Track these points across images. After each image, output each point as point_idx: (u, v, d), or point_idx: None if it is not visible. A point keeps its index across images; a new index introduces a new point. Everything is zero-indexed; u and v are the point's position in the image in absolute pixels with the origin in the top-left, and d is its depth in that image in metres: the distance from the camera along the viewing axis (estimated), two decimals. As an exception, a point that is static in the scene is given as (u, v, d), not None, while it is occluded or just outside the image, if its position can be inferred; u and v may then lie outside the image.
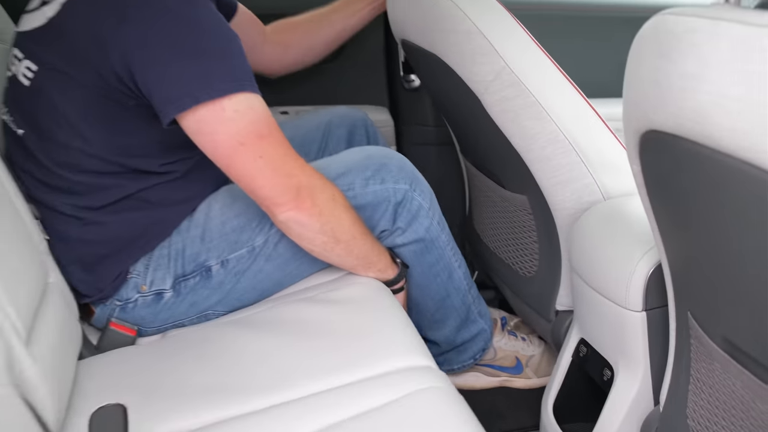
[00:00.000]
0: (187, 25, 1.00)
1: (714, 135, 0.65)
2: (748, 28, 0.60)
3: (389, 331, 1.09)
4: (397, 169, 1.25)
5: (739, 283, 0.78)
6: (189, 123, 1.02)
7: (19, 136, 1.12)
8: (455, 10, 1.21)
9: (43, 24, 1.08)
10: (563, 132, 1.17)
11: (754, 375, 0.80)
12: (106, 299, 1.17)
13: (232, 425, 0.91)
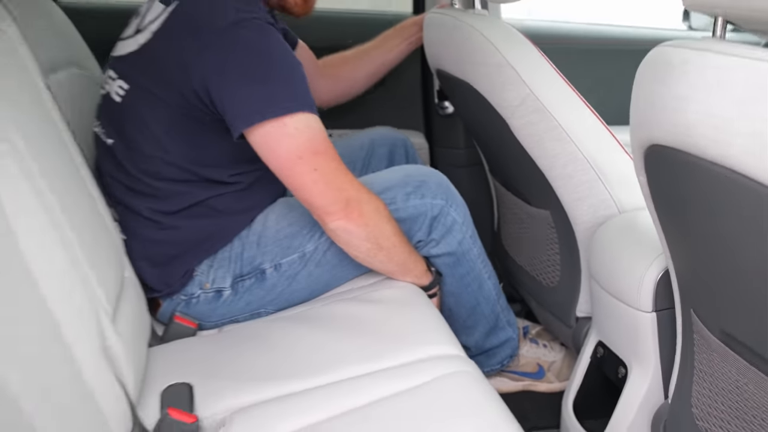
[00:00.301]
0: (258, 53, 1.16)
1: (701, 146, 0.77)
2: (727, 58, 0.73)
3: (423, 325, 1.22)
4: (435, 186, 1.39)
5: (734, 282, 0.89)
6: (255, 137, 1.17)
7: (109, 146, 1.28)
8: (487, 44, 1.36)
9: (135, 50, 1.24)
10: (582, 152, 1.30)
11: (748, 362, 0.91)
12: (172, 294, 1.31)
13: (282, 401, 1.04)
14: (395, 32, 1.80)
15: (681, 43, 0.82)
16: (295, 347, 1.18)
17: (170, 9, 1.22)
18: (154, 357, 1.18)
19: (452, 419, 0.96)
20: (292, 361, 1.15)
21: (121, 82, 1.26)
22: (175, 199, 1.27)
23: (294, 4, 1.36)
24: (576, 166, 1.31)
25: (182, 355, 1.22)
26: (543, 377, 1.58)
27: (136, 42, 1.25)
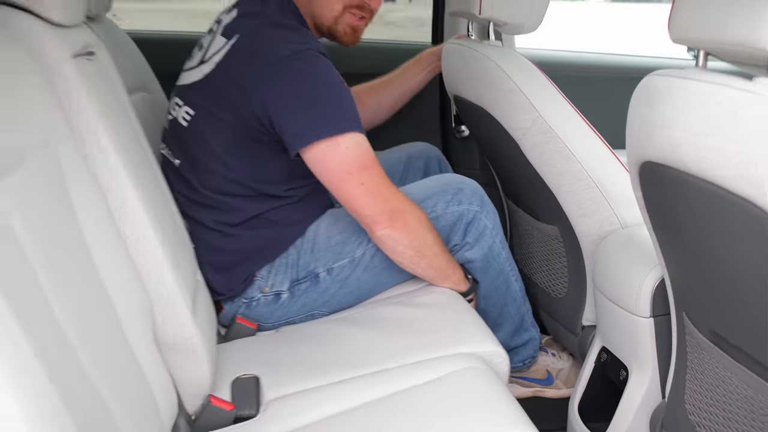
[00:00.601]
0: (312, 80, 1.30)
1: (684, 161, 0.89)
2: (703, 84, 0.85)
3: (463, 325, 1.34)
4: (471, 193, 1.50)
5: (720, 286, 1.00)
6: (310, 155, 1.29)
7: (176, 166, 1.42)
8: (500, 72, 1.49)
9: (200, 79, 1.38)
10: (587, 171, 1.41)
11: (733, 358, 1.01)
12: (234, 297, 1.43)
13: (333, 387, 1.15)
14: (415, 62, 1.94)
15: (667, 72, 0.93)
16: (344, 344, 1.30)
17: (232, 42, 1.35)
18: (221, 353, 1.29)
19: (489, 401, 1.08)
20: (339, 354, 1.26)
21: (187, 108, 1.40)
22: (237, 212, 1.40)
23: (344, 34, 1.49)
24: (581, 184, 1.43)
25: (244, 351, 1.33)
26: (552, 384, 1.68)
27: (201, 72, 1.38)
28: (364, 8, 1.47)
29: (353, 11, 1.46)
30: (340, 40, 1.50)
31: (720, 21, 0.83)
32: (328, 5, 1.44)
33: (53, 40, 0.97)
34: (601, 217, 1.43)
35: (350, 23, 1.47)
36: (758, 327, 0.94)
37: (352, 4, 1.45)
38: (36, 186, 0.82)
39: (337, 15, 1.45)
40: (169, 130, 1.46)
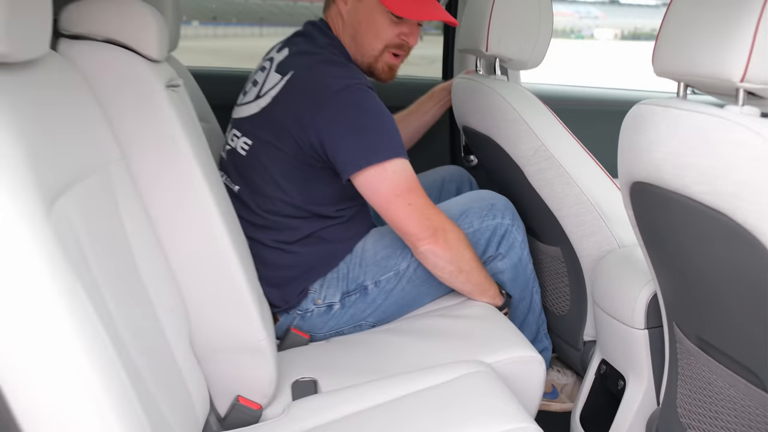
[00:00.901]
0: (361, 112, 1.42)
1: (667, 180, 1.00)
2: (681, 111, 0.96)
3: (502, 333, 1.46)
4: (503, 207, 1.62)
5: (703, 294, 1.10)
6: (360, 179, 1.42)
7: (236, 192, 1.54)
8: (505, 104, 1.61)
9: (257, 112, 1.50)
10: (586, 195, 1.53)
11: (718, 361, 1.11)
12: (290, 309, 1.54)
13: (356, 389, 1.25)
14: (428, 98, 2.08)
15: (652, 101, 1.05)
16: (387, 350, 1.42)
17: (287, 78, 1.48)
18: (278, 360, 1.39)
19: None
20: (384, 359, 1.38)
21: (245, 139, 1.53)
22: (293, 231, 1.52)
23: (381, 71, 1.61)
24: (581, 207, 1.54)
25: (300, 358, 1.44)
26: (557, 398, 1.76)
27: (258, 106, 1.51)
28: (402, 47, 1.59)
29: (392, 50, 1.58)
30: (377, 77, 1.62)
31: (694, 57, 0.95)
32: (369, 44, 1.56)
33: (152, 73, 1.11)
34: (600, 238, 1.54)
35: (388, 62, 1.59)
36: (739, 331, 1.04)
37: (392, 44, 1.56)
38: (93, 198, 0.94)
39: (377, 54, 1.57)
40: (227, 159, 1.59)
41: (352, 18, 1.55)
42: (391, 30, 1.54)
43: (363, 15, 1.54)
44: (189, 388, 1.11)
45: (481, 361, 1.32)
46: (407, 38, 1.56)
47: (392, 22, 1.53)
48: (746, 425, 1.06)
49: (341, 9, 1.56)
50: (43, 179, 0.72)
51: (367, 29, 1.54)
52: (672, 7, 1.01)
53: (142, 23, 1.12)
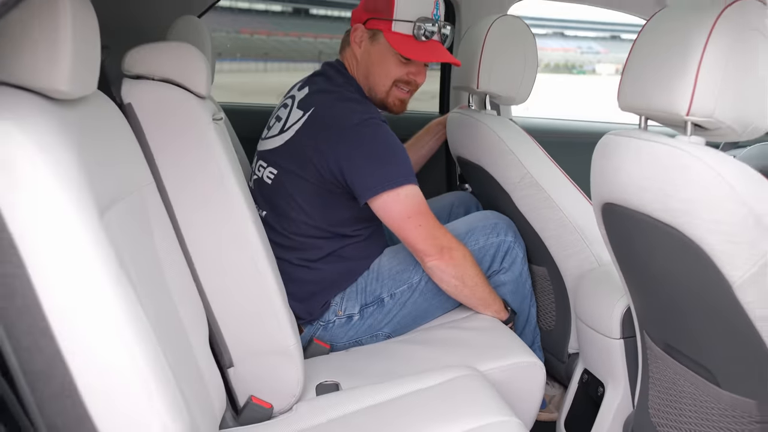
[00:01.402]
0: (376, 143, 1.59)
1: (630, 200, 1.14)
2: (642, 141, 1.11)
3: (504, 341, 1.60)
4: (506, 226, 1.78)
5: (664, 302, 1.24)
6: (377, 203, 1.58)
7: (263, 217, 1.69)
8: (494, 136, 1.77)
9: (281, 144, 1.67)
10: (568, 218, 1.67)
11: (680, 362, 1.24)
12: (313, 321, 1.68)
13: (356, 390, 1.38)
14: (425, 132, 2.25)
15: (618, 132, 1.20)
16: (403, 358, 1.58)
17: (308, 114, 1.64)
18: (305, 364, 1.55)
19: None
20: (401, 366, 1.52)
21: (271, 169, 1.69)
22: (316, 250, 1.67)
23: (393, 105, 1.76)
24: (564, 230, 1.68)
25: (322, 365, 1.58)
26: (545, 408, 1.88)
27: (282, 139, 1.67)
28: (410, 83, 1.75)
29: (401, 86, 1.74)
30: (390, 110, 1.78)
31: (650, 94, 1.10)
32: (380, 81, 1.72)
33: (200, 108, 1.28)
34: (582, 258, 1.68)
35: (398, 96, 1.75)
36: (695, 334, 1.18)
37: (400, 80, 1.73)
38: (130, 215, 1.09)
39: (387, 89, 1.73)
40: (255, 188, 1.74)
41: (365, 59, 1.72)
42: (400, 69, 1.71)
43: (375, 57, 1.70)
44: (208, 387, 1.24)
45: (470, 366, 1.45)
46: (415, 77, 1.73)
47: (401, 62, 1.70)
48: (704, 419, 1.19)
49: (356, 51, 1.73)
50: (94, 193, 0.87)
51: (379, 69, 1.71)
52: (633, 51, 1.16)
53: (193, 65, 1.30)
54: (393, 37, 1.66)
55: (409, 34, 1.66)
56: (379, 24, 1.68)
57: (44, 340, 0.76)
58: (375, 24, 1.69)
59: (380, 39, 1.69)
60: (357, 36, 1.72)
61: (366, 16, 1.71)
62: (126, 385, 0.79)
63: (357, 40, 1.72)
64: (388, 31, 1.67)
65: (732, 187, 0.97)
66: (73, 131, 0.88)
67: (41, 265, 0.75)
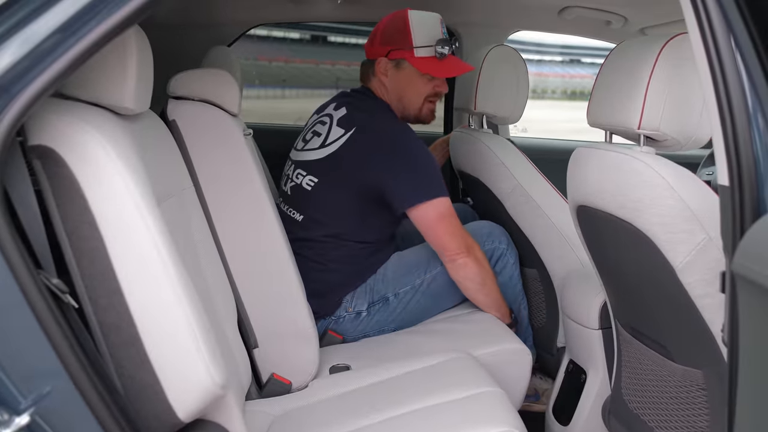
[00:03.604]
0: (412, 157, 1.81)
1: (596, 202, 1.35)
2: (605, 152, 1.32)
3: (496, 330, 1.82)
4: (499, 234, 1.99)
5: (627, 289, 1.43)
6: (415, 212, 1.80)
7: (299, 221, 1.91)
8: (489, 152, 1.99)
9: (323, 157, 1.87)
10: (555, 224, 1.87)
11: (643, 343, 1.43)
12: (326, 316, 1.88)
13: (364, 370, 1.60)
14: (431, 149, 2.45)
15: (588, 144, 1.41)
16: (405, 345, 1.78)
17: (350, 133, 1.84)
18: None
19: (469, 378, 1.51)
20: (401, 351, 1.74)
21: (311, 177, 1.89)
22: (336, 252, 1.88)
23: (426, 116, 1.98)
24: (551, 234, 1.88)
25: (335, 352, 1.79)
26: (538, 400, 2.07)
27: (324, 152, 1.87)
28: (437, 95, 1.99)
29: (430, 99, 1.97)
30: (423, 121, 2.01)
31: (611, 111, 1.31)
32: (414, 100, 1.95)
33: (233, 124, 1.51)
34: (567, 260, 1.88)
35: (429, 108, 1.99)
36: (654, 316, 1.37)
37: (429, 95, 1.96)
38: (174, 212, 1.31)
39: (420, 106, 1.96)
40: (291, 193, 1.95)
41: (394, 85, 1.94)
42: (428, 86, 1.95)
43: (404, 81, 1.93)
44: (237, 362, 1.45)
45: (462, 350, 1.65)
46: (440, 88, 1.97)
47: (428, 80, 1.93)
48: (662, 391, 1.37)
49: (383, 81, 1.95)
50: (153, 188, 1.09)
51: (410, 91, 1.94)
52: (599, 77, 1.37)
53: (227, 88, 1.53)
54: (418, 62, 1.90)
55: (432, 56, 1.90)
56: (401, 53, 1.91)
57: (116, 298, 0.97)
58: (397, 54, 1.92)
59: (404, 65, 1.92)
60: (381, 67, 1.94)
61: (386, 49, 1.93)
62: (179, 336, 1.00)
63: (382, 71, 1.94)
64: (412, 57, 1.90)
65: (672, 187, 1.17)
66: (136, 139, 1.11)
67: (116, 240, 0.97)
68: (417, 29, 1.90)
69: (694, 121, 1.22)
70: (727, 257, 0.99)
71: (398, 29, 1.91)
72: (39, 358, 0.89)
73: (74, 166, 0.96)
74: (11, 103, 0.86)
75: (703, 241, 1.16)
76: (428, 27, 1.91)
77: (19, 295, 0.87)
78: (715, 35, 0.98)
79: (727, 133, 0.99)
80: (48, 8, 0.89)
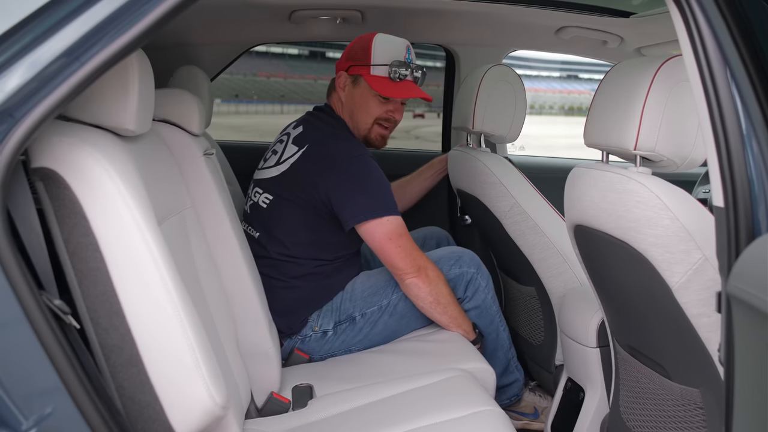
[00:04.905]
0: (363, 176, 1.82)
1: (590, 221, 1.36)
2: (602, 171, 1.33)
3: (461, 351, 1.80)
4: (468, 259, 1.98)
5: (626, 309, 1.44)
6: (362, 228, 1.81)
7: (255, 238, 1.92)
8: (486, 170, 2.00)
9: (278, 174, 1.90)
10: (553, 242, 1.88)
11: (640, 361, 1.44)
12: (292, 335, 1.89)
13: (361, 389, 1.59)
14: (428, 167, 2.49)
15: (584, 164, 1.43)
16: (370, 363, 1.78)
17: (303, 150, 1.88)
18: (284, 372, 1.75)
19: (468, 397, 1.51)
20: (367, 370, 1.73)
21: (267, 195, 1.92)
22: (296, 268, 1.89)
23: (374, 140, 2.00)
24: (549, 252, 1.89)
25: (300, 372, 1.79)
26: (537, 418, 2.07)
27: (278, 170, 1.91)
28: (389, 120, 2.00)
29: (381, 123, 1.98)
30: (372, 145, 2.02)
31: (607, 133, 1.32)
32: (363, 119, 1.97)
33: (193, 144, 1.50)
34: (565, 278, 1.89)
35: (379, 132, 2.00)
36: (651, 335, 1.38)
37: (380, 118, 1.97)
38: (174, 231, 1.32)
39: (369, 127, 1.97)
40: (250, 212, 1.97)
41: (349, 101, 1.97)
42: (380, 108, 1.96)
43: (358, 98, 1.96)
44: (236, 380, 1.45)
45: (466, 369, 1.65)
46: (393, 114, 1.98)
47: (380, 102, 1.95)
48: (660, 409, 1.38)
49: (340, 95, 1.98)
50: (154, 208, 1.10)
51: (361, 109, 1.96)
52: (595, 98, 1.39)
53: (186, 106, 1.52)
54: (372, 80, 1.92)
55: (386, 76, 1.91)
56: (359, 69, 1.94)
57: (118, 319, 0.98)
58: (356, 70, 1.95)
59: (361, 82, 1.95)
60: (341, 81, 1.98)
61: (348, 64, 1.97)
62: (180, 357, 1.01)
63: (341, 85, 1.98)
64: (368, 74, 1.92)
65: (668, 207, 1.18)
66: (137, 160, 1.12)
67: (117, 260, 0.98)
68: (378, 48, 1.93)
69: (689, 142, 1.24)
70: (723, 278, 1.00)
71: (362, 47, 1.95)
72: (40, 379, 0.90)
73: (76, 187, 0.97)
74: (16, 127, 0.87)
75: (699, 261, 1.17)
76: (391, 49, 1.94)
77: (21, 316, 0.88)
78: (709, 60, 1.00)
79: (721, 155, 1.00)
80: (53, 33, 0.90)
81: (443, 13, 2.29)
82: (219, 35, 2.46)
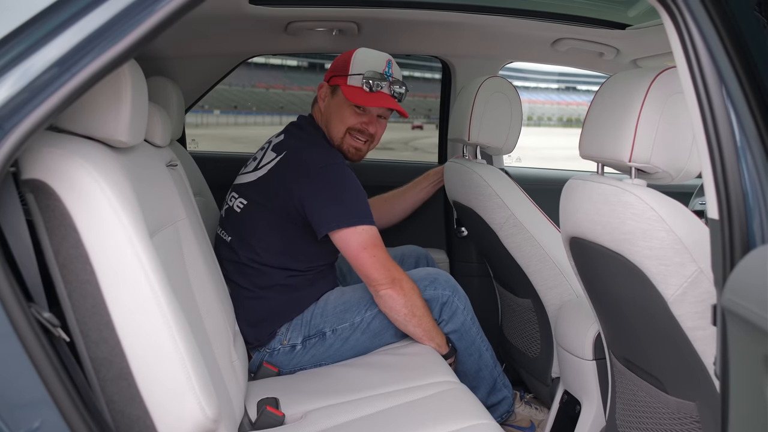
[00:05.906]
0: (338, 184, 1.82)
1: (585, 233, 1.35)
2: (596, 183, 1.33)
3: (432, 364, 1.77)
4: (444, 281, 1.96)
5: (621, 321, 1.43)
6: (336, 236, 1.79)
7: (228, 242, 1.92)
8: (482, 181, 1.99)
9: (254, 180, 1.91)
10: (548, 254, 1.88)
11: (637, 374, 1.43)
12: (261, 347, 1.87)
13: (335, 407, 1.57)
14: (424, 178, 2.48)
15: (578, 176, 1.42)
16: (341, 377, 1.75)
17: (281, 156, 1.88)
18: (252, 386, 1.73)
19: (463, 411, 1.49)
20: (339, 384, 1.71)
21: (242, 200, 1.92)
22: (265, 277, 1.88)
23: (347, 152, 1.99)
24: (545, 265, 1.89)
25: (268, 386, 1.76)
26: (534, 431, 2.05)
27: (255, 175, 1.92)
28: (363, 132, 1.98)
29: (354, 134, 1.97)
30: (347, 157, 2.00)
31: (602, 145, 1.32)
32: (336, 128, 1.97)
33: (156, 155, 1.47)
34: (561, 290, 1.88)
35: (352, 144, 1.98)
36: (647, 348, 1.37)
37: (353, 128, 1.96)
38: (167, 243, 1.31)
39: (341, 136, 1.96)
40: (225, 216, 1.97)
41: (327, 110, 1.98)
42: (354, 119, 1.95)
43: (334, 108, 1.97)
44: (229, 393, 1.44)
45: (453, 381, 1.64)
46: (367, 126, 1.97)
47: (355, 112, 1.95)
48: (657, 423, 1.37)
49: (321, 105, 2.00)
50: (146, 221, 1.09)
51: (335, 117, 1.96)
52: (590, 110, 1.38)
53: (150, 118, 1.45)
54: (347, 89, 1.92)
55: (360, 86, 1.91)
56: (338, 80, 1.96)
57: (108, 332, 0.97)
58: (335, 80, 1.97)
59: (338, 92, 1.96)
60: (322, 92, 2.00)
61: (329, 75, 1.99)
62: (171, 370, 1.00)
63: (322, 96, 2.00)
64: (344, 84, 1.93)
65: (663, 219, 1.18)
66: (129, 171, 1.11)
67: (108, 273, 0.97)
68: (358, 60, 1.95)
69: (684, 154, 1.23)
70: (718, 291, 1.00)
71: (344, 58, 1.98)
72: (29, 393, 0.89)
73: (67, 199, 0.97)
74: (5, 138, 0.87)
75: (695, 273, 1.16)
76: (369, 60, 1.95)
77: (9, 329, 0.87)
78: (703, 71, 1.00)
79: (716, 167, 1.00)
80: (45, 43, 0.90)
81: (439, 24, 2.29)
82: (215, 46, 2.46)
